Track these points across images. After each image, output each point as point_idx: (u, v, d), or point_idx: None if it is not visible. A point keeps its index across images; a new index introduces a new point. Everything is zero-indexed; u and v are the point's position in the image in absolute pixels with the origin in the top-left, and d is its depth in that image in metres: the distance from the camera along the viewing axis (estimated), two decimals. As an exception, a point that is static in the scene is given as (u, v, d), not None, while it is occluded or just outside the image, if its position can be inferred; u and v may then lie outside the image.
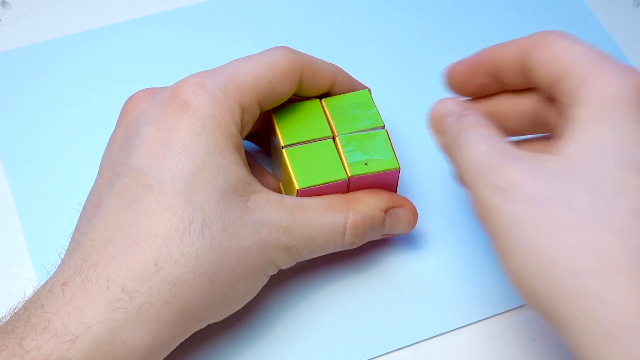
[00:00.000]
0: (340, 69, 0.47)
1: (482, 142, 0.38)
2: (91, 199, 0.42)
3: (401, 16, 0.59)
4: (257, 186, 0.42)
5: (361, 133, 0.45)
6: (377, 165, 0.44)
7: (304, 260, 0.46)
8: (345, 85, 0.47)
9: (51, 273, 0.40)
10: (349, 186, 0.44)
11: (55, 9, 0.58)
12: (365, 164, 0.44)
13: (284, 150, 0.44)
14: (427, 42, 0.57)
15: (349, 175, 0.44)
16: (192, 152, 0.40)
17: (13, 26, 0.57)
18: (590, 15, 0.59)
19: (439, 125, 0.42)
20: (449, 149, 0.40)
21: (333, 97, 0.47)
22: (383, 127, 0.45)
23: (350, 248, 0.44)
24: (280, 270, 0.44)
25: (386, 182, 0.45)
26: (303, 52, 0.45)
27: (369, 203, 0.44)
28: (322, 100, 0.46)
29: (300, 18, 0.58)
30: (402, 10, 0.59)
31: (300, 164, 0.44)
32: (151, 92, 0.44)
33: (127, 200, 0.39)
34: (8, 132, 0.52)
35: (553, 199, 0.35)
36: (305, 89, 0.45)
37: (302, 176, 0.44)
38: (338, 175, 0.44)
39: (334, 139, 0.45)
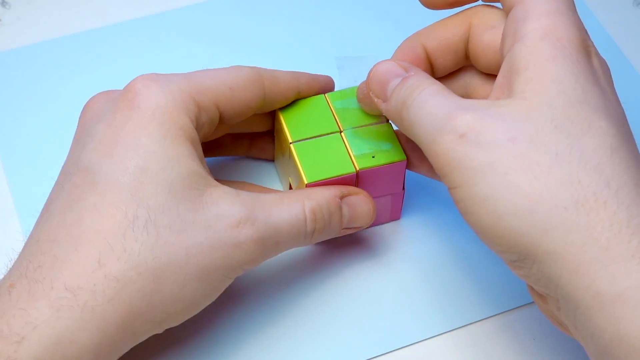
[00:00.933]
0: (298, 72, 0.46)
1: (437, 97, 0.38)
2: (45, 204, 0.41)
3: (401, 16, 0.59)
4: (213, 181, 0.40)
5: (367, 127, 0.45)
6: (385, 157, 0.44)
7: (304, 260, 0.46)
8: (311, 84, 0.46)
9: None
10: (357, 180, 0.45)
11: (55, 9, 0.58)
12: (373, 157, 0.44)
13: (291, 145, 0.44)
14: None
15: (357, 168, 0.44)
16: (140, 145, 0.39)
17: (13, 26, 0.57)
18: (590, 15, 0.59)
19: (380, 90, 0.41)
20: (397, 112, 0.40)
21: (337, 92, 0.47)
22: (388, 121, 0.45)
23: (314, 241, 0.43)
24: (281, 271, 0.44)
25: (394, 175, 0.45)
26: (302, 51, 0.45)
27: (321, 191, 0.43)
28: (327, 95, 0.46)
29: (301, 18, 0.58)
30: (402, 10, 0.59)
31: (308, 159, 0.44)
32: (107, 94, 0.43)
33: (73, 199, 0.39)
34: (8, 132, 0.52)
35: (524, 141, 0.35)
36: (271, 99, 0.44)
37: (311, 171, 0.44)
38: (346, 169, 0.44)
39: (340, 133, 0.45)
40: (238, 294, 0.45)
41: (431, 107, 0.38)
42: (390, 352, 0.45)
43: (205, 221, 0.39)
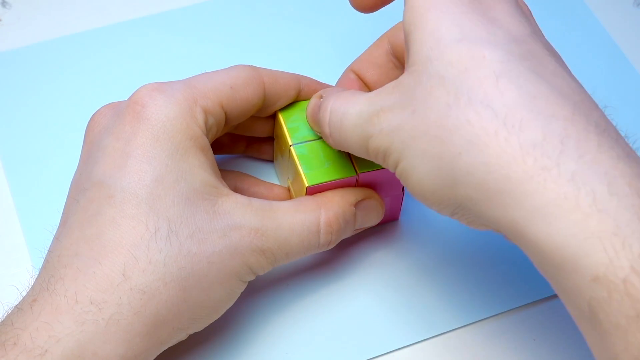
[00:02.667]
0: (302, 75, 0.46)
1: (349, 104, 0.39)
2: (61, 219, 0.42)
3: (401, 16, 0.58)
4: (224, 189, 0.41)
5: None
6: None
7: (304, 260, 0.46)
8: (312, 85, 0.46)
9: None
10: (357, 182, 0.45)
11: (55, 9, 0.58)
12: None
13: (292, 147, 0.44)
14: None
15: (358, 172, 0.44)
16: (153, 157, 0.39)
17: (13, 26, 0.57)
18: (590, 15, 0.59)
19: (313, 121, 0.43)
20: (332, 132, 0.41)
21: None
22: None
23: (327, 249, 0.44)
24: (281, 271, 0.44)
25: (393, 177, 0.45)
26: (303, 52, 0.45)
27: (338, 200, 0.43)
28: None
29: (301, 18, 0.58)
30: (402, 10, 0.59)
31: (308, 161, 0.44)
32: (112, 106, 0.43)
33: (91, 213, 0.39)
34: (8, 132, 0.52)
35: (420, 109, 0.36)
36: (271, 98, 0.45)
37: (311, 174, 0.44)
38: (347, 172, 0.44)
39: None
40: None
41: (347, 114, 0.39)
42: (390, 352, 0.45)
43: (221, 230, 0.40)
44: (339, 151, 0.44)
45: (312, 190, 0.44)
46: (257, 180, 0.48)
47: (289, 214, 0.42)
